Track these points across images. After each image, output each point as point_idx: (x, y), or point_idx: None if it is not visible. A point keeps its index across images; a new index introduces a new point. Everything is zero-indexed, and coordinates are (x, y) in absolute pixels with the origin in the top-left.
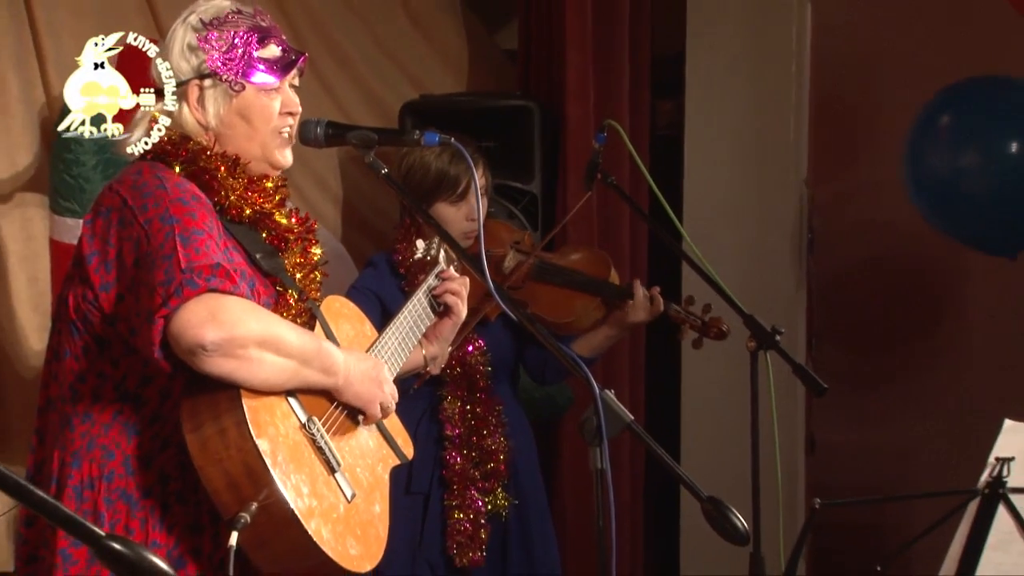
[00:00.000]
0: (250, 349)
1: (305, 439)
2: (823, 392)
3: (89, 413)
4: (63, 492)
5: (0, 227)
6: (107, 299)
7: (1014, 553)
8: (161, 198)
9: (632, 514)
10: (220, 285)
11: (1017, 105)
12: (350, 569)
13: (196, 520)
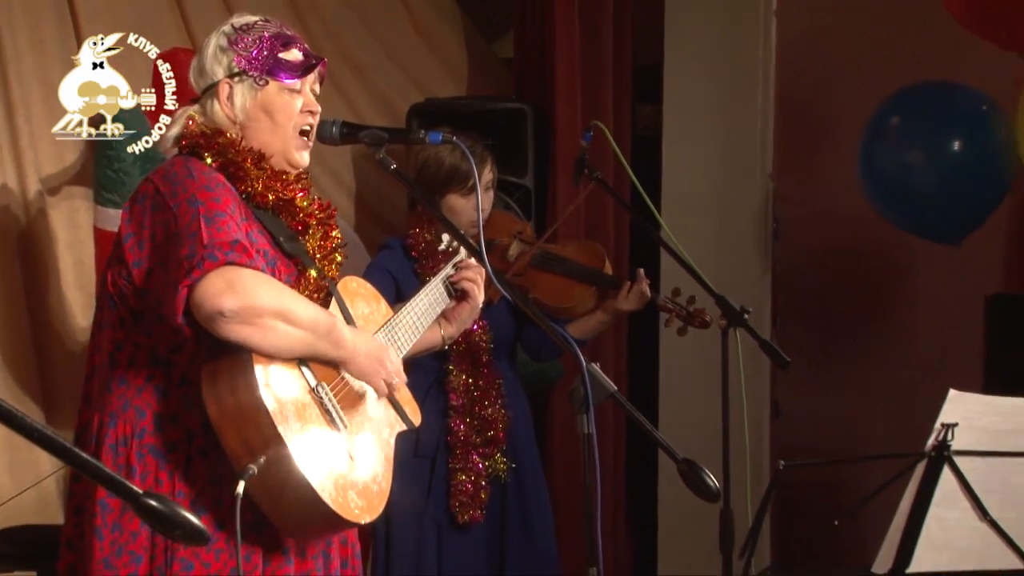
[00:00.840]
0: (265, 317)
1: (313, 401)
2: (786, 365)
3: (125, 377)
4: (101, 449)
5: (49, 217)
6: (139, 274)
7: (958, 509)
8: (189, 185)
9: (615, 474)
10: (238, 259)
11: (958, 108)
12: (351, 520)
13: (218, 473)
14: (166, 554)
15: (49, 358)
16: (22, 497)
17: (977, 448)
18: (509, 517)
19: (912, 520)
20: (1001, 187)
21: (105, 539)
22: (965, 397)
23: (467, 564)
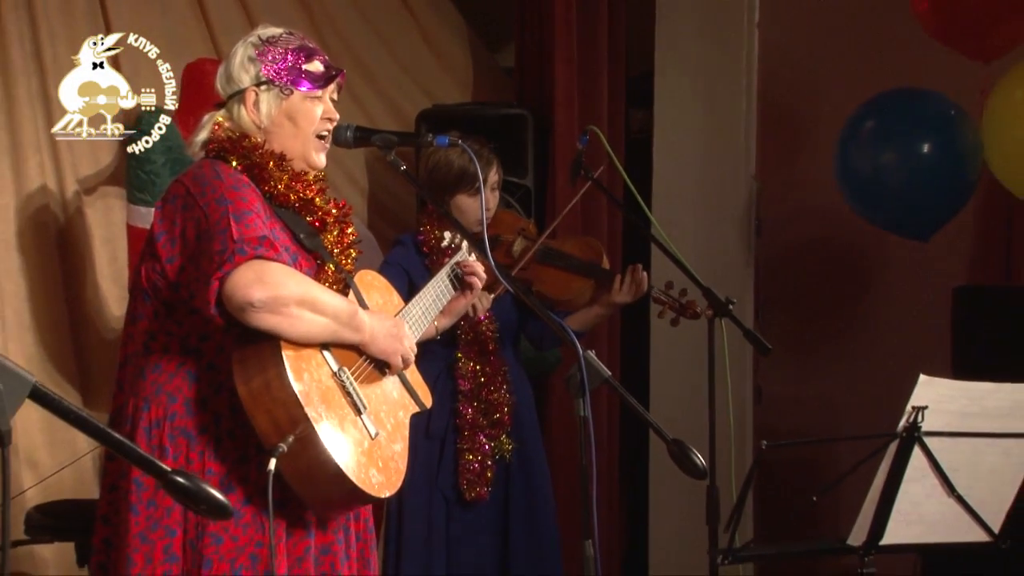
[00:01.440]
0: (291, 307)
1: (336, 385)
2: (768, 352)
3: (158, 364)
4: (136, 431)
5: (86, 215)
6: (172, 269)
7: (927, 486)
8: (217, 186)
9: (609, 453)
10: (265, 253)
11: (928, 113)
12: (372, 495)
13: (244, 452)
14: (197, 528)
15: (85, 345)
16: (60, 474)
17: (945, 429)
18: (513, 494)
19: (885, 496)
20: (967, 187)
21: (141, 515)
22: (934, 382)
23: (474, 538)
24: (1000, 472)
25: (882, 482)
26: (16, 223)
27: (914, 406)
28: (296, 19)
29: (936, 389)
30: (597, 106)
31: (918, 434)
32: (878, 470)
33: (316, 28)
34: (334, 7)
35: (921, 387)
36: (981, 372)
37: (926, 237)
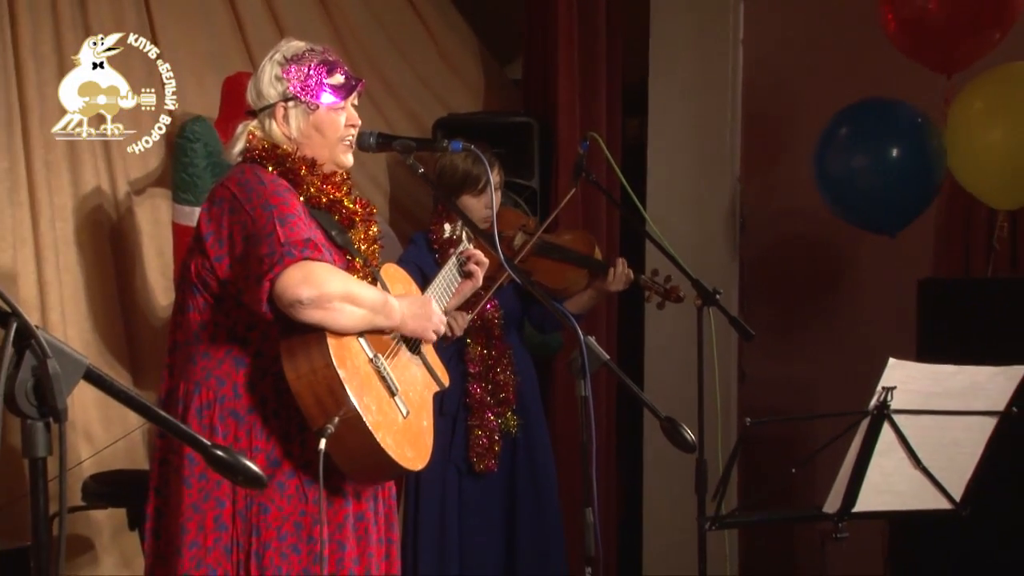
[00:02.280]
0: (335, 302)
1: (372, 370)
2: (751, 337)
3: (208, 352)
4: (188, 412)
5: (135, 213)
6: (220, 267)
7: (895, 459)
8: (261, 192)
9: (607, 430)
10: (311, 254)
11: (897, 121)
12: (407, 468)
13: (287, 431)
14: (246, 499)
15: (135, 332)
16: (114, 446)
17: (912, 407)
18: (518, 466)
19: (857, 468)
20: (932, 188)
21: (193, 487)
22: (902, 364)
23: (483, 506)
24: (961, 446)
25: (854, 455)
26: (73, 221)
27: (883, 386)
28: (324, 36)
29: (903, 371)
30: (596, 114)
31: (887, 412)
32: (851, 445)
33: (342, 43)
34: (358, 25)
35: (890, 369)
36: (943, 356)
37: (894, 233)
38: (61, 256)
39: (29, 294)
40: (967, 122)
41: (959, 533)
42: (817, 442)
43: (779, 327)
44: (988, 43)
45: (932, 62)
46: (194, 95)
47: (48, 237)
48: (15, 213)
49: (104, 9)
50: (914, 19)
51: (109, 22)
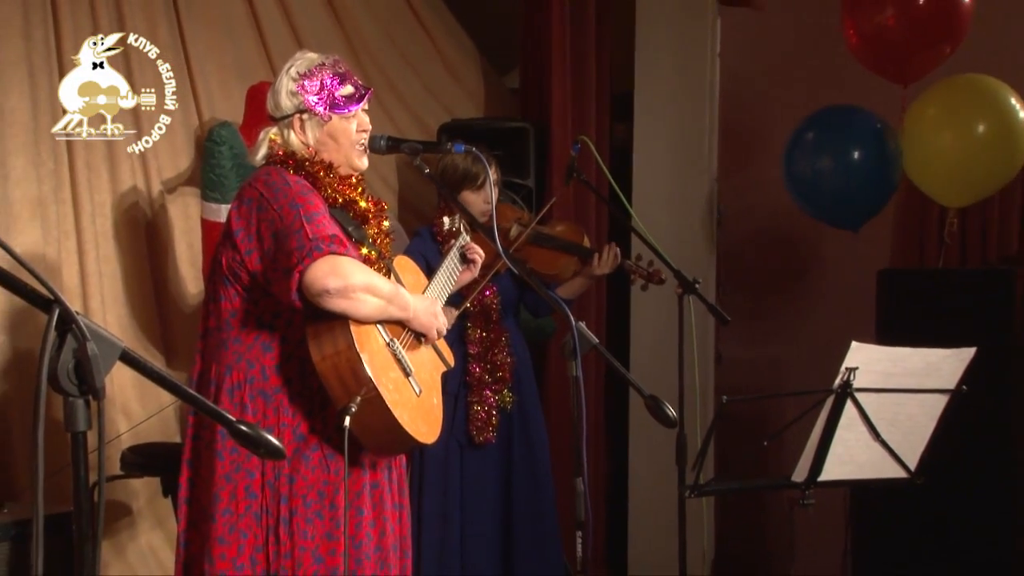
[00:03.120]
0: (358, 293)
1: (389, 353)
2: (727, 323)
3: (238, 337)
4: (220, 392)
5: (168, 210)
6: (250, 260)
7: (856, 433)
8: (287, 192)
9: (596, 407)
10: (337, 249)
11: (857, 126)
12: (421, 441)
13: (311, 409)
14: (275, 470)
15: (168, 317)
16: (148, 421)
17: (872, 386)
18: (514, 439)
19: (822, 441)
20: (890, 187)
21: (225, 459)
22: (864, 347)
23: (482, 475)
24: (916, 421)
25: (820, 430)
26: (112, 217)
27: (847, 367)
28: (338, 49)
29: (864, 353)
30: (586, 120)
31: (850, 390)
32: (817, 420)
33: (355, 55)
34: (369, 38)
35: (852, 351)
36: (900, 339)
37: (856, 228)
38: (101, 249)
39: (72, 283)
40: (921, 128)
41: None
42: (786, 418)
43: (752, 313)
44: (940, 57)
45: (890, 73)
46: (221, 102)
47: (89, 232)
48: (59, 210)
49: (139, 21)
50: (874, 35)
51: (144, 34)
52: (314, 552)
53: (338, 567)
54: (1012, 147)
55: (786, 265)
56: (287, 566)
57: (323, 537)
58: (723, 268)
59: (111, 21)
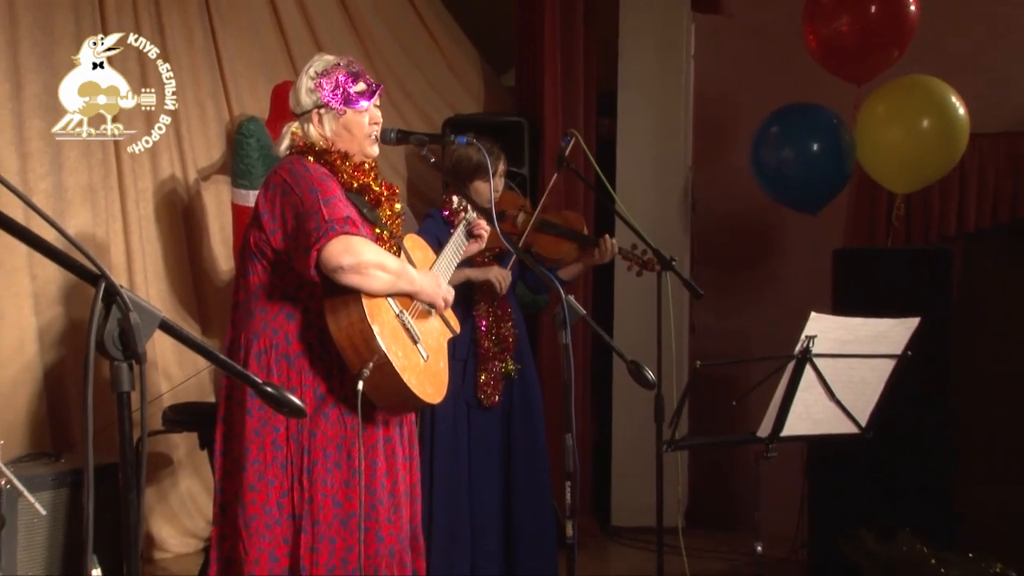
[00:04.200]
0: (370, 268)
1: (398, 323)
2: (700, 296)
3: (264, 308)
4: (248, 356)
5: (202, 196)
6: (275, 239)
7: (814, 393)
8: (307, 178)
9: (584, 371)
10: (351, 229)
11: (817, 121)
12: (428, 402)
13: (330, 371)
14: (298, 427)
15: (203, 290)
16: (187, 383)
17: (828, 352)
18: (514, 401)
19: (784, 401)
20: (844, 176)
21: (254, 416)
22: (821, 317)
23: (487, 432)
24: (867, 383)
25: (782, 391)
26: (153, 202)
27: (806, 335)
28: (353, 51)
29: (822, 323)
30: (575, 116)
31: (809, 356)
32: (780, 382)
33: (368, 57)
34: (381, 42)
35: (811, 321)
36: (854, 310)
37: (815, 212)
38: (144, 230)
39: (119, 260)
40: (872, 123)
41: (863, 452)
42: (753, 381)
43: (722, 288)
44: (889, 59)
45: (844, 74)
46: (249, 99)
47: (133, 215)
48: (107, 195)
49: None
50: (831, 40)
51: (181, 40)
52: (333, 497)
53: (354, 510)
54: (952, 140)
55: (753, 245)
56: (310, 510)
57: (341, 485)
58: (696, 248)
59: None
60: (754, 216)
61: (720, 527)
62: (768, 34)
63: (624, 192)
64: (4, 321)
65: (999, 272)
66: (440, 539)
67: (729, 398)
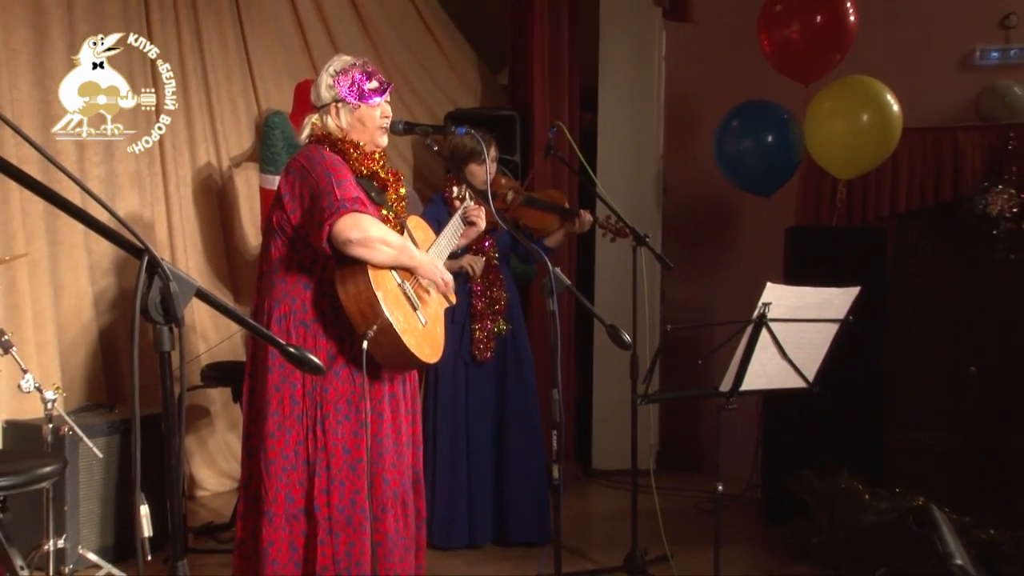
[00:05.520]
0: (375, 243)
1: (400, 292)
2: (670, 268)
3: (284, 278)
4: (271, 321)
5: (234, 181)
6: (293, 217)
7: (769, 353)
8: (323, 164)
9: (568, 335)
10: (358, 208)
11: (771, 116)
12: (426, 361)
13: (341, 335)
14: (312, 383)
15: (235, 263)
16: (221, 345)
17: (782, 317)
18: (507, 358)
19: (743, 360)
20: (794, 164)
21: (274, 373)
22: (775, 287)
23: (482, 386)
24: (814, 344)
25: (741, 351)
26: (192, 185)
27: (762, 302)
28: (366, 52)
29: (776, 292)
30: (561, 109)
31: (765, 320)
32: (739, 344)
33: (379, 58)
34: (391, 44)
35: (767, 290)
36: (803, 280)
37: (769, 195)
38: (183, 210)
39: (162, 236)
40: (818, 117)
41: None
42: (716, 342)
43: (690, 261)
44: (832, 63)
45: (795, 75)
46: (275, 96)
47: (175, 197)
48: (152, 180)
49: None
50: (782, 45)
51: (217, 45)
52: (343, 446)
53: (362, 457)
54: (887, 133)
55: (716, 224)
56: (323, 456)
57: (350, 435)
58: (667, 225)
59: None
60: (717, 199)
61: (686, 469)
62: (729, 40)
63: (604, 177)
64: (65, 290)
65: (924, 247)
66: (443, 481)
67: (695, 357)
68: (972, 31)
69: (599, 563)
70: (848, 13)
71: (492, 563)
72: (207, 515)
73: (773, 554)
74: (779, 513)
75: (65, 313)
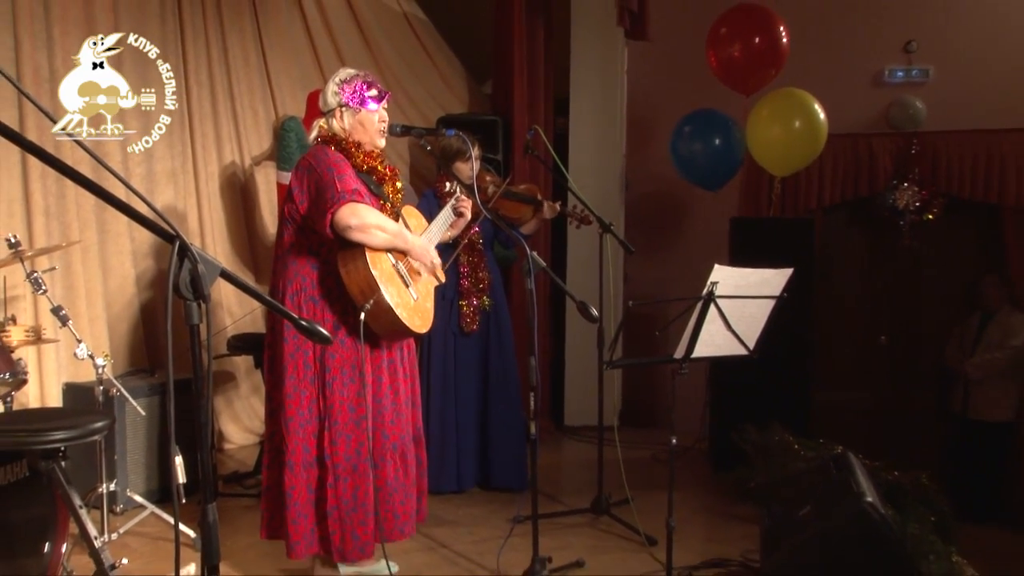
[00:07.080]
0: (372, 228)
1: (395, 271)
2: (632, 252)
3: (296, 261)
4: (285, 297)
5: (255, 177)
6: (302, 207)
7: (717, 325)
8: (327, 160)
9: (544, 310)
10: (356, 198)
11: (718, 123)
12: (417, 331)
13: (345, 309)
14: (321, 351)
15: (255, 248)
16: (244, 318)
17: (727, 294)
18: (490, 331)
19: (694, 331)
20: (737, 163)
21: (290, 343)
22: (722, 268)
23: (469, 354)
24: (755, 317)
25: (693, 323)
26: (218, 181)
27: (711, 282)
28: (367, 65)
29: (722, 272)
30: (538, 115)
31: (713, 297)
32: (691, 317)
33: (379, 70)
34: (389, 58)
35: (715, 271)
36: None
37: (716, 189)
38: (212, 203)
39: (194, 226)
40: (757, 123)
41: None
42: (671, 316)
43: (649, 246)
44: (769, 76)
45: (737, 87)
46: (290, 103)
47: (204, 192)
48: (185, 178)
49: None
50: (727, 61)
51: (240, 60)
52: (348, 404)
53: (364, 414)
54: (815, 137)
55: (671, 214)
56: (330, 413)
57: (354, 395)
58: (630, 215)
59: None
60: (672, 193)
61: (645, 425)
62: (681, 56)
63: (575, 173)
64: (112, 272)
65: (844, 235)
66: (435, 435)
67: (653, 329)
68: (882, 54)
69: (570, 505)
70: (782, 36)
71: (478, 505)
72: (233, 464)
73: (719, 496)
74: (724, 461)
75: (112, 291)
